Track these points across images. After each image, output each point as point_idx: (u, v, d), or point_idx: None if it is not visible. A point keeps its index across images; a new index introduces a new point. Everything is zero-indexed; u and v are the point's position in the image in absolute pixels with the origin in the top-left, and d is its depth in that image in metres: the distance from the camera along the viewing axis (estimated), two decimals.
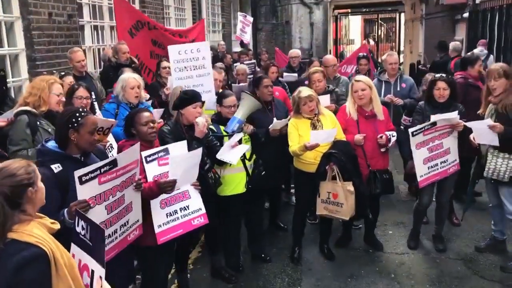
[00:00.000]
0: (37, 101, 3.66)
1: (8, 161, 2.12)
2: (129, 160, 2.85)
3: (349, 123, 4.65)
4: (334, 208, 4.41)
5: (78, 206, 2.50)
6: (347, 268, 4.63)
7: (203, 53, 5.58)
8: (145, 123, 3.34)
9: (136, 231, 3.08)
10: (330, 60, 6.60)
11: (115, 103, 4.63)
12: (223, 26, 13.28)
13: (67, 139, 2.80)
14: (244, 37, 10.93)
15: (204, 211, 3.55)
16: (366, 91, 4.53)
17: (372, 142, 4.55)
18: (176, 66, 5.47)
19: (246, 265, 4.72)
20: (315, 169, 4.40)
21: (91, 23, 6.87)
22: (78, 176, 2.49)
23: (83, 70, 5.49)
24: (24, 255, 1.90)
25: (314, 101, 4.45)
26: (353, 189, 4.30)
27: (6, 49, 5.17)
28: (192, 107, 3.87)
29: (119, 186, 2.80)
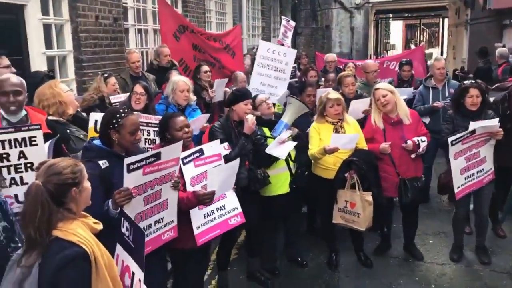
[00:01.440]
0: (59, 107, 3.61)
1: (57, 159, 2.17)
2: (171, 156, 2.89)
3: (375, 132, 4.58)
4: (350, 217, 4.33)
5: (122, 194, 2.56)
6: (386, 277, 4.53)
7: (288, 59, 5.66)
8: (180, 128, 3.34)
9: (171, 232, 3.09)
10: (371, 65, 6.47)
11: (164, 105, 4.75)
12: (262, 30, 13.32)
13: (110, 139, 2.88)
14: (286, 42, 10.91)
15: (240, 210, 3.56)
16: (387, 96, 4.45)
17: (399, 149, 4.44)
18: (260, 61, 5.55)
19: (282, 269, 4.70)
20: (333, 175, 4.34)
21: (135, 26, 7.03)
22: (127, 163, 2.55)
23: (138, 71, 5.69)
24: (67, 254, 1.93)
25: (342, 106, 4.41)
26: (371, 199, 4.23)
27: (55, 50, 5.36)
28: (244, 104, 4.01)
29: (158, 180, 2.85)
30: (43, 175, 2.03)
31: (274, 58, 5.62)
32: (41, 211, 1.94)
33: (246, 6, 11.49)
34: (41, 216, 1.94)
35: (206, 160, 3.41)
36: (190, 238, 3.23)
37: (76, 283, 1.94)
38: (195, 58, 7.05)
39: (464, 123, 4.42)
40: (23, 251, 2.02)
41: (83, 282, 1.96)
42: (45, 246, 1.96)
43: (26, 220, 1.95)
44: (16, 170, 2.95)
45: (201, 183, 3.31)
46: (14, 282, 1.98)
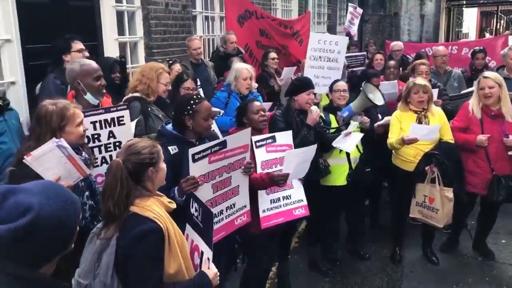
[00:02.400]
0: (146, 89, 3.80)
1: (137, 139, 2.28)
2: (239, 144, 2.91)
3: (471, 121, 4.28)
4: (428, 213, 4.16)
5: (188, 183, 2.61)
6: (453, 275, 4.36)
7: (340, 48, 5.57)
8: (256, 111, 3.46)
9: (244, 216, 3.13)
10: (441, 50, 6.15)
11: (226, 92, 4.78)
12: (328, 17, 13.06)
13: (184, 126, 2.95)
14: (352, 29, 10.69)
15: (306, 203, 3.54)
16: (494, 89, 4.12)
17: (497, 143, 4.14)
18: (312, 54, 5.51)
19: (343, 261, 4.64)
20: (413, 168, 4.18)
21: (202, 14, 7.11)
22: (192, 153, 2.61)
23: (199, 57, 5.74)
24: (142, 229, 2.01)
25: (428, 94, 4.20)
26: (452, 196, 4.03)
27: (127, 37, 5.53)
28: (306, 94, 3.98)
29: (226, 167, 2.88)
30: (123, 153, 2.13)
31: (325, 49, 5.49)
32: (120, 187, 2.04)
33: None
34: (120, 191, 2.03)
35: (277, 148, 3.43)
36: (254, 223, 3.26)
37: (149, 256, 2.02)
38: (258, 44, 7.03)
39: None
40: (102, 225, 2.13)
41: (156, 256, 2.03)
42: (122, 220, 2.05)
43: (106, 195, 2.05)
44: (106, 149, 3.12)
45: (271, 168, 3.34)
46: (94, 252, 2.09)
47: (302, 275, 4.46)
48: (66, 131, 2.58)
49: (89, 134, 3.01)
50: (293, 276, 4.32)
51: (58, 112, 2.55)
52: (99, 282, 2.06)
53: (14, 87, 4.00)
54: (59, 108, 2.57)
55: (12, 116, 3.47)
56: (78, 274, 2.13)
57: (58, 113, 2.55)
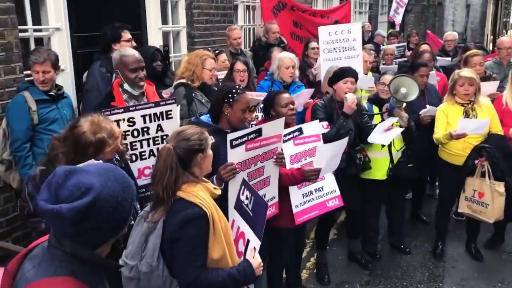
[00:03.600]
0: (191, 75, 3.91)
1: (185, 126, 2.31)
2: (273, 133, 2.90)
3: (505, 114, 4.19)
4: (478, 208, 4.04)
5: (227, 169, 2.62)
6: (497, 272, 4.24)
7: (354, 35, 5.46)
8: (285, 104, 3.35)
9: (273, 208, 3.11)
10: (506, 42, 5.92)
11: (269, 81, 4.79)
12: (370, 7, 12.80)
13: (221, 113, 2.93)
14: (396, 19, 10.48)
15: (339, 193, 3.49)
16: None
17: None
18: (325, 47, 5.43)
19: (384, 254, 4.58)
20: (462, 161, 4.06)
21: (244, 3, 7.11)
22: (230, 139, 2.61)
23: (238, 47, 5.77)
24: (188, 213, 2.05)
25: (474, 86, 4.06)
26: (503, 190, 3.89)
27: (170, 26, 5.60)
28: (343, 82, 3.87)
29: (260, 156, 2.87)
30: (173, 140, 2.17)
31: (338, 39, 5.35)
32: (170, 172, 2.07)
33: None
34: (169, 177, 2.07)
35: (305, 140, 3.38)
36: (287, 217, 3.24)
37: (194, 240, 2.06)
38: (293, 35, 6.97)
39: None
40: (150, 208, 2.18)
41: (201, 240, 2.07)
42: (170, 204, 2.09)
43: (156, 180, 2.10)
44: (154, 142, 3.18)
45: (300, 162, 3.28)
46: (142, 234, 2.15)
47: (341, 266, 4.44)
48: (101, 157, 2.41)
49: (139, 128, 3.08)
50: (331, 267, 4.32)
51: (96, 144, 2.33)
52: (145, 264, 2.11)
53: (63, 74, 4.13)
54: (98, 140, 2.33)
55: (65, 104, 3.59)
56: (125, 255, 2.20)
57: (96, 145, 2.33)
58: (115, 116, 2.94)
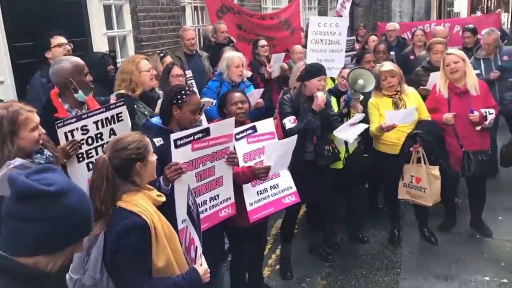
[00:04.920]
0: (129, 84, 3.66)
1: (125, 133, 2.25)
2: (222, 132, 2.87)
3: (439, 101, 4.36)
4: (416, 193, 4.18)
5: (172, 169, 2.58)
6: (451, 253, 4.38)
7: (341, 29, 5.54)
8: (234, 103, 3.36)
9: (229, 209, 3.09)
10: (441, 31, 6.15)
11: (218, 81, 4.75)
12: (319, 2, 12.98)
13: (170, 115, 2.90)
14: (343, 13, 10.62)
15: (295, 190, 3.47)
16: (459, 63, 4.21)
17: (464, 120, 4.22)
18: (313, 37, 5.47)
19: (343, 245, 4.66)
20: (398, 150, 4.19)
21: (191, 4, 7.06)
22: (174, 139, 2.58)
23: (193, 48, 5.70)
24: (128, 223, 2.01)
25: (396, 77, 4.22)
26: (438, 173, 4.05)
27: (115, 31, 5.49)
28: (317, 80, 3.91)
29: (210, 156, 2.84)
30: (109, 149, 2.12)
31: (326, 32, 5.47)
32: (106, 184, 2.03)
33: None
34: (106, 188, 2.03)
35: (259, 138, 3.36)
36: (244, 216, 3.21)
37: (135, 251, 2.02)
38: (239, 37, 6.99)
39: None
40: None
41: (142, 250, 2.03)
42: (109, 216, 2.04)
43: (93, 192, 2.05)
44: None
45: (254, 160, 3.27)
46: None
47: (303, 260, 4.47)
48: (19, 136, 2.42)
49: (93, 135, 3.00)
50: (293, 261, 4.34)
51: (9, 116, 2.35)
52: (88, 277, 2.07)
53: (3, 86, 3.97)
54: (10, 112, 2.37)
55: None
56: (70, 269, 2.14)
57: (8, 118, 2.35)
58: (69, 126, 2.86)
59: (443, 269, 4.16)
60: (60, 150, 2.78)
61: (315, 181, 3.91)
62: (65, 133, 2.86)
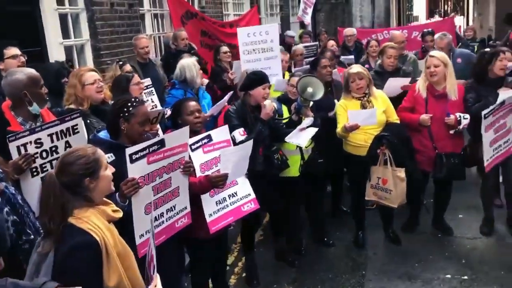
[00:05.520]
0: (75, 100, 3.54)
1: (77, 147, 2.16)
2: (177, 143, 2.83)
3: (417, 101, 4.43)
4: (383, 194, 4.24)
5: (128, 185, 2.51)
6: (415, 253, 4.45)
7: (272, 36, 5.57)
8: (190, 112, 3.30)
9: (185, 218, 3.04)
10: (398, 36, 6.30)
11: (181, 89, 4.73)
12: (281, 8, 13.10)
13: (118, 129, 2.82)
14: (305, 18, 10.76)
15: (254, 196, 3.45)
16: (439, 67, 4.27)
17: (439, 123, 4.30)
18: (244, 48, 5.47)
19: (309, 249, 4.67)
20: (365, 152, 4.25)
21: (151, 12, 6.99)
22: (129, 154, 2.51)
23: (147, 56, 5.62)
24: (75, 242, 1.94)
25: (364, 79, 4.27)
26: (404, 175, 4.12)
27: (72, 40, 5.38)
28: (262, 88, 3.90)
29: (166, 167, 2.79)
30: (57, 165, 2.05)
31: (257, 41, 5.51)
32: (54, 200, 1.96)
33: None
34: (53, 205, 1.96)
35: (215, 146, 3.32)
36: (203, 227, 3.15)
37: (83, 270, 1.94)
38: (202, 43, 6.98)
39: (487, 91, 4.31)
40: (41, 238, 2.06)
41: (89, 270, 1.96)
42: (59, 233, 1.97)
43: (41, 209, 1.99)
44: None
45: (211, 169, 3.22)
46: (33, 263, 2.03)
47: (269, 267, 4.45)
48: None
49: (47, 148, 2.91)
50: (259, 269, 4.31)
51: None
52: None
53: None
54: None
55: None
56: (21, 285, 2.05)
57: None
58: (21, 140, 2.77)
59: (406, 268, 4.22)
60: (12, 164, 2.69)
61: (267, 191, 3.85)
62: (18, 147, 2.78)
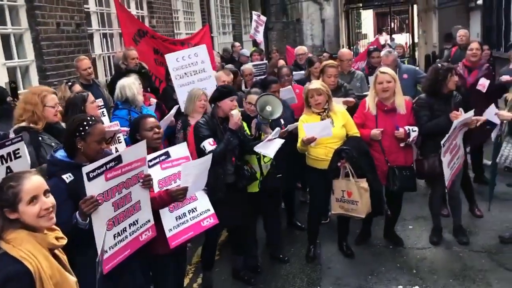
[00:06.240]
0: (31, 117, 3.48)
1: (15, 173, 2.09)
2: (134, 157, 2.81)
3: (367, 117, 4.55)
4: (349, 206, 4.31)
5: (87, 203, 2.48)
6: (367, 265, 4.53)
7: (201, 57, 5.60)
8: (150, 128, 3.31)
9: (149, 231, 3.02)
10: (346, 54, 6.47)
11: (125, 109, 4.70)
12: (233, 27, 13.24)
13: (75, 148, 2.78)
14: (257, 37, 10.90)
15: (213, 212, 3.49)
16: (391, 83, 4.42)
17: (390, 137, 4.43)
18: (176, 73, 5.49)
19: (264, 267, 4.65)
20: (326, 165, 4.32)
21: (100, 31, 6.89)
22: (86, 172, 2.49)
23: (90, 78, 5.52)
24: (9, 270, 1.87)
25: (323, 95, 4.36)
26: (367, 186, 4.21)
27: (16, 61, 5.21)
28: (230, 100, 4.01)
29: (125, 183, 2.77)
30: None
31: (187, 64, 5.56)
32: None
33: (214, 4, 11.40)
34: None
35: (173, 163, 3.33)
36: (162, 243, 3.15)
37: None
38: (156, 61, 6.95)
39: (440, 107, 4.47)
40: None
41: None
42: None
43: None
44: None
45: (170, 185, 3.23)
46: None
47: (226, 285, 4.42)
48: None
49: None
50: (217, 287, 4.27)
51: None
52: None
53: None
54: None
55: None
56: None
57: None
58: None
59: (360, 281, 4.28)
60: None
61: (234, 205, 3.92)
62: None
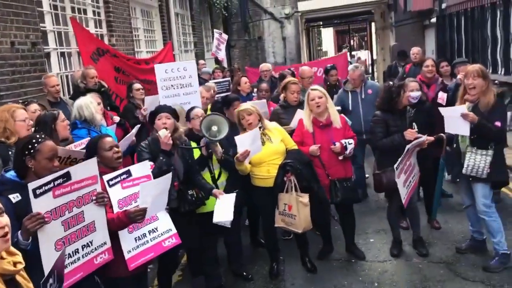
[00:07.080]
0: (3, 133, 3.57)
1: None
2: (85, 175, 2.76)
3: (305, 135, 4.69)
4: (289, 220, 4.36)
5: (32, 220, 2.41)
6: (330, 280, 4.55)
7: (190, 72, 5.63)
8: (109, 148, 3.25)
9: (105, 254, 2.94)
10: (307, 71, 6.64)
11: (85, 128, 4.65)
12: (195, 45, 13.25)
13: (25, 167, 2.72)
14: (219, 55, 10.97)
15: (175, 231, 3.42)
16: (322, 99, 4.58)
17: (328, 151, 4.58)
18: (162, 84, 5.47)
19: (228, 285, 4.61)
20: (272, 183, 4.34)
21: (57, 50, 6.76)
22: (32, 188, 2.43)
23: (57, 95, 5.43)
24: None
25: (253, 114, 4.37)
26: (307, 200, 4.26)
27: None
28: (157, 119, 3.96)
29: (75, 201, 2.71)
30: None
31: (175, 77, 5.60)
32: None
33: (175, 22, 11.38)
34: None
35: (135, 182, 3.27)
36: (121, 265, 3.06)
37: None
38: (117, 79, 6.87)
39: (396, 122, 4.59)
40: None
41: None
42: None
43: None
44: None
45: (130, 205, 3.16)
46: None
47: None
48: None
49: None
50: None
51: None
52: None
53: None
54: None
55: None
56: None
57: None
58: None
59: None
60: None
61: (183, 227, 3.78)
62: None
